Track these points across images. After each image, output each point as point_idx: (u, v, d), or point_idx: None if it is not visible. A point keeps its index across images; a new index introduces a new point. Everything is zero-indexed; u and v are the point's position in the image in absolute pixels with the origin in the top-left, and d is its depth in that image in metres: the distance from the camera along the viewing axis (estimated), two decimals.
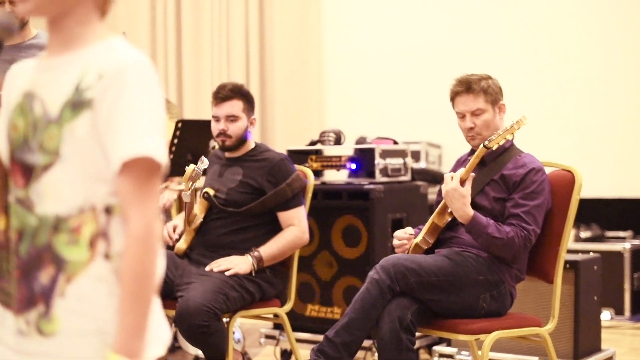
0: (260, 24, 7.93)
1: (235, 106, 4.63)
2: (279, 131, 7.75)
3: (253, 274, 4.42)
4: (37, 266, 1.90)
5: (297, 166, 4.79)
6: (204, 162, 4.42)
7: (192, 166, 4.41)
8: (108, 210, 1.89)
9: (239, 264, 4.40)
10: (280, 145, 7.25)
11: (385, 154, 5.41)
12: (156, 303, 1.92)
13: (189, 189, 4.43)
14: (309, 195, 4.71)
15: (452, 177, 4.04)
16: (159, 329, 1.95)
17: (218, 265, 4.39)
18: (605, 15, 7.28)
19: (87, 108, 1.87)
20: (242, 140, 4.67)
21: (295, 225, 4.54)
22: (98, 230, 1.88)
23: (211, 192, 4.60)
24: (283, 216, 4.57)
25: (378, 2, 7.82)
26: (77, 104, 1.88)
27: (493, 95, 4.18)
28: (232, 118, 4.62)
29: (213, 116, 4.67)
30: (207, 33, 7.89)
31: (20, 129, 1.94)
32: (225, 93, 4.65)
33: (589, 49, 7.33)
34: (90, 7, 1.95)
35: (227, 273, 4.34)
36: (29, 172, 1.92)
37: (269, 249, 4.49)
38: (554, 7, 7.35)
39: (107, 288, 1.88)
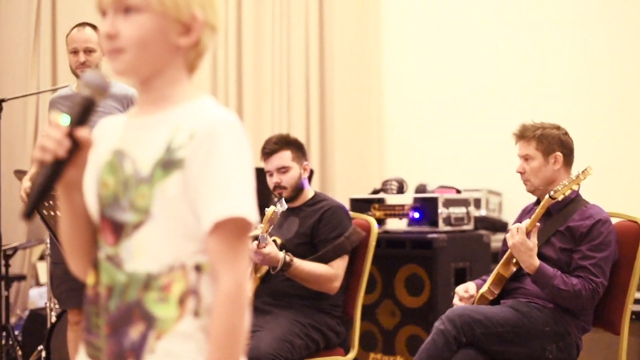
0: (320, 72, 7.99)
1: (283, 157, 4.64)
2: (339, 179, 7.78)
3: (271, 271, 4.42)
4: (126, 322, 1.92)
5: (360, 215, 4.80)
6: (283, 205, 4.37)
7: (272, 208, 4.33)
8: (197, 268, 1.91)
9: (271, 258, 4.37)
10: (340, 193, 7.27)
11: (448, 203, 5.42)
12: None
13: (267, 231, 4.39)
14: (372, 244, 4.71)
15: (517, 229, 4.05)
16: None
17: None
18: None
19: (178, 168, 1.89)
20: (299, 189, 4.69)
21: (334, 271, 4.55)
22: (188, 288, 1.91)
23: (279, 241, 4.61)
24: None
25: (438, 49, 7.85)
26: (168, 164, 1.90)
27: (546, 144, 4.20)
28: (283, 169, 4.63)
29: (266, 171, 4.69)
30: (268, 80, 7.95)
31: (110, 187, 1.97)
32: (271, 147, 4.67)
33: None
34: (179, 66, 1.98)
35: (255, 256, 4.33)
36: (119, 230, 1.95)
37: (302, 265, 4.45)
38: (618, 55, 7.32)
39: (196, 345, 1.90)
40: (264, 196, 5.43)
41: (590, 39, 7.25)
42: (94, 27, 5.08)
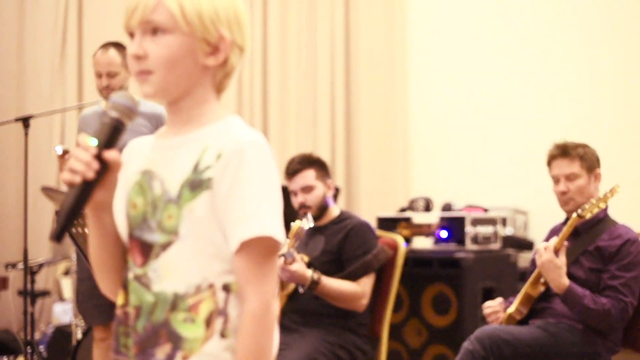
0: (346, 90, 7.96)
1: (307, 176, 4.65)
2: (365, 197, 7.75)
3: (299, 289, 4.41)
4: (154, 342, 1.92)
5: (387, 233, 4.79)
6: (309, 220, 4.37)
7: (297, 222, 4.32)
8: (225, 289, 1.91)
9: (298, 275, 4.35)
10: (366, 210, 7.26)
11: (476, 222, 5.40)
12: None
13: (293, 246, 4.38)
14: (400, 262, 4.70)
15: (545, 247, 4.03)
16: None
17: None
18: None
19: (206, 188, 1.90)
20: (324, 207, 4.68)
21: (362, 289, 4.53)
22: (215, 308, 1.90)
23: (305, 258, 4.60)
24: None
25: (465, 66, 7.82)
26: (196, 184, 1.91)
27: (589, 162, 4.18)
28: (307, 189, 4.64)
29: (290, 191, 4.69)
30: (293, 99, 7.94)
31: (139, 207, 1.98)
32: (295, 166, 4.68)
33: None
34: (207, 87, 1.99)
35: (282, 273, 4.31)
36: (147, 250, 1.95)
37: (330, 283, 4.44)
38: None
39: None
40: (289, 215, 5.41)
41: (621, 54, 7.21)
42: (119, 46, 5.11)
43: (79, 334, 5.66)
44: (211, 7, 1.94)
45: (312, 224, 4.36)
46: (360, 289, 4.49)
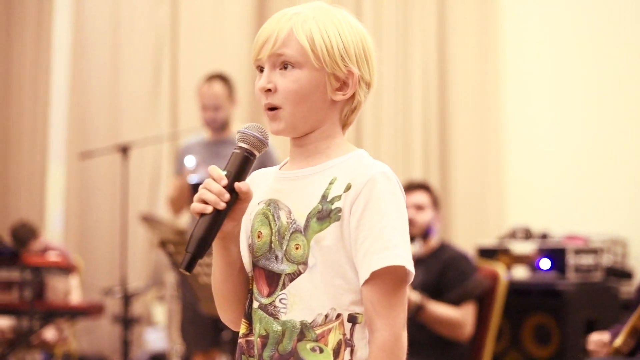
0: (440, 116, 7.93)
1: (421, 196, 4.69)
2: (460, 225, 7.69)
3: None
4: None
5: (487, 263, 4.74)
6: (416, 245, 4.37)
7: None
8: (352, 319, 1.91)
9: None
10: (462, 240, 7.19)
11: (578, 252, 5.32)
12: None
13: None
14: (501, 292, 4.66)
15: None
16: None
17: None
18: None
19: (335, 219, 1.90)
20: (426, 233, 4.66)
21: (464, 316, 4.47)
22: (343, 338, 1.90)
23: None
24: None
25: (561, 92, 7.74)
26: (325, 214, 1.91)
27: None
28: (419, 207, 4.63)
29: None
30: (387, 128, 7.92)
31: (264, 237, 1.98)
32: (413, 184, 4.75)
33: None
34: (334, 121, 2.00)
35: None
36: (274, 280, 1.95)
37: (435, 309, 4.41)
38: None
39: None
40: None
41: None
42: (223, 79, 5.18)
43: None
44: (341, 42, 1.95)
45: (419, 249, 4.39)
46: (462, 316, 4.45)
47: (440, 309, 4.42)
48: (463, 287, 4.48)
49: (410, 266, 1.88)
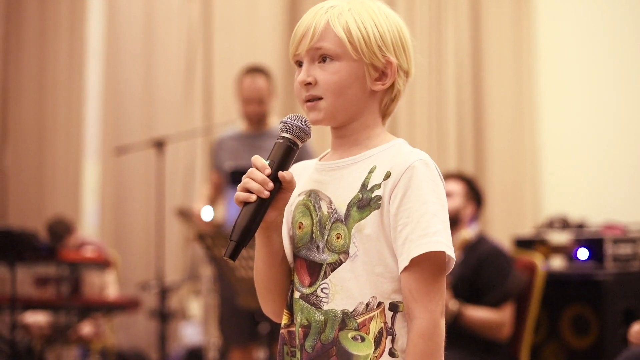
0: (475, 106, 7.89)
1: (453, 185, 4.67)
2: (496, 216, 7.65)
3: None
4: None
5: (525, 254, 4.72)
6: (475, 234, 4.37)
7: (464, 233, 4.40)
8: (393, 307, 1.92)
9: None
10: (499, 230, 7.16)
11: (616, 242, 5.28)
12: None
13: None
14: (539, 284, 4.64)
15: None
16: None
17: None
18: None
19: (375, 207, 1.92)
20: (455, 220, 4.59)
21: (502, 317, 4.45)
22: (384, 327, 1.91)
23: None
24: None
25: (595, 83, 7.69)
26: (365, 203, 1.92)
27: None
28: (447, 194, 4.60)
29: None
30: (422, 118, 7.90)
31: (305, 228, 2.00)
32: (447, 174, 4.74)
33: None
34: (374, 111, 2.02)
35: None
36: (315, 270, 1.97)
37: (472, 314, 4.39)
38: None
39: None
40: None
41: None
42: (264, 72, 5.20)
43: (212, 355, 5.69)
44: (378, 33, 1.97)
45: (472, 236, 4.41)
46: (500, 317, 4.43)
47: (478, 313, 4.40)
48: (502, 288, 4.44)
49: (451, 252, 1.89)
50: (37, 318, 6.20)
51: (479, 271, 4.49)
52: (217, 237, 4.02)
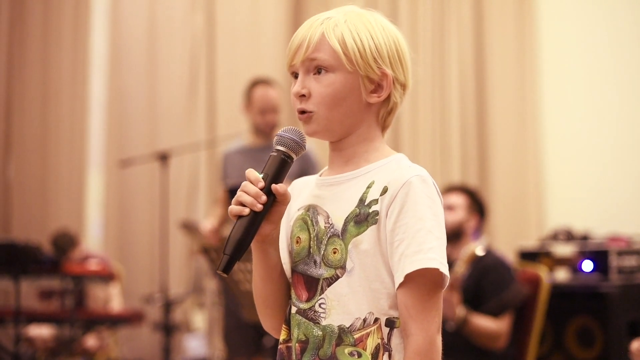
0: (478, 117, 7.89)
1: (454, 198, 4.66)
2: (499, 227, 7.64)
3: (447, 326, 4.34)
4: None
5: (529, 266, 4.71)
6: (482, 248, 4.37)
7: (472, 247, 4.38)
8: (389, 324, 1.91)
9: (454, 310, 4.26)
10: (503, 242, 7.15)
11: (620, 254, 5.28)
12: None
13: (463, 272, 4.36)
14: (544, 296, 4.63)
15: None
16: None
17: None
18: None
19: (372, 222, 1.91)
20: (457, 233, 4.58)
21: (501, 328, 4.43)
22: (381, 343, 1.90)
23: None
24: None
25: (599, 95, 7.68)
26: (362, 218, 1.92)
27: None
28: (449, 207, 4.59)
29: None
30: (425, 128, 7.90)
31: (302, 242, 1.99)
32: (449, 186, 4.72)
33: None
34: (372, 124, 2.00)
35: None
36: (312, 285, 1.96)
37: (477, 322, 4.36)
38: None
39: None
40: None
41: None
42: (272, 83, 5.21)
43: None
44: (373, 44, 1.96)
45: (483, 253, 4.36)
46: (498, 328, 4.41)
47: (481, 322, 4.38)
48: (501, 297, 4.43)
49: (444, 269, 1.87)
50: (41, 331, 6.19)
51: (481, 281, 4.48)
52: (221, 250, 4.01)
